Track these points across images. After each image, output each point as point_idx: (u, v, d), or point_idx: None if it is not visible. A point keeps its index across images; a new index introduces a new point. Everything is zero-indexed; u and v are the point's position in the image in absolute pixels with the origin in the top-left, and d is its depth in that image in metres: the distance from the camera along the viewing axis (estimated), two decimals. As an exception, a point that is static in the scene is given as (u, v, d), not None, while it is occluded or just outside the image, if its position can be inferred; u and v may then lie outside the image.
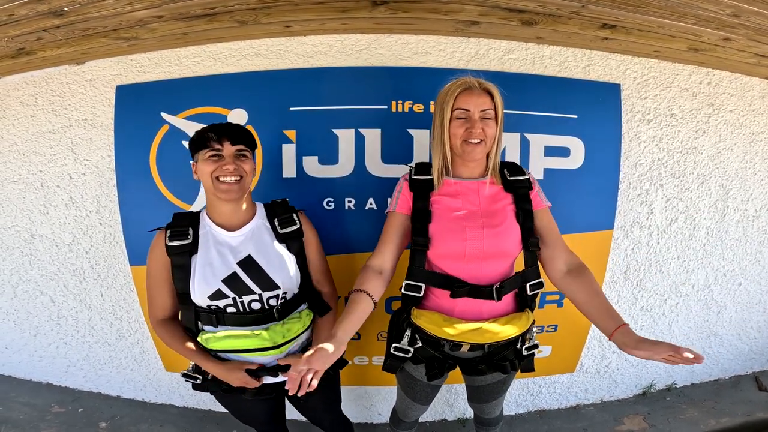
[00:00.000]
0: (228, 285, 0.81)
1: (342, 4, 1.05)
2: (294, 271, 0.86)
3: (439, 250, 0.82)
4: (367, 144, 1.22)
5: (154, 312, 0.86)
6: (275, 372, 0.85)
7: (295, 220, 0.88)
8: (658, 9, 1.01)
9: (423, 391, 0.97)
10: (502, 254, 0.82)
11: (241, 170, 0.80)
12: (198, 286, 0.80)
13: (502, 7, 1.05)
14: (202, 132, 0.81)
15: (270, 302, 0.84)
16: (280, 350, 0.83)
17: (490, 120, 0.79)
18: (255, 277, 0.82)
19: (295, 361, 0.71)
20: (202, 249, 0.82)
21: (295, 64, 1.23)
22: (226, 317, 0.82)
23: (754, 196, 1.50)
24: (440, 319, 0.82)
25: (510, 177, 0.86)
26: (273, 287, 0.83)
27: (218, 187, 0.79)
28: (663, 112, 1.35)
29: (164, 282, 0.83)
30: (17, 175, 1.43)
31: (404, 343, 0.86)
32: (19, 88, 1.38)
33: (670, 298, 1.53)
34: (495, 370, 0.89)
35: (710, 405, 1.56)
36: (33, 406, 1.57)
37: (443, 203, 0.84)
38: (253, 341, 0.80)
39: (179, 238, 0.81)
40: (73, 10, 0.99)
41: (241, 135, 0.82)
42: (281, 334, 0.82)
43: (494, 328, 0.81)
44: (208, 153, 0.79)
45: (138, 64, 1.28)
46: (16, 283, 1.55)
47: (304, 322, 0.87)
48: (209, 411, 1.59)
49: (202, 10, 1.04)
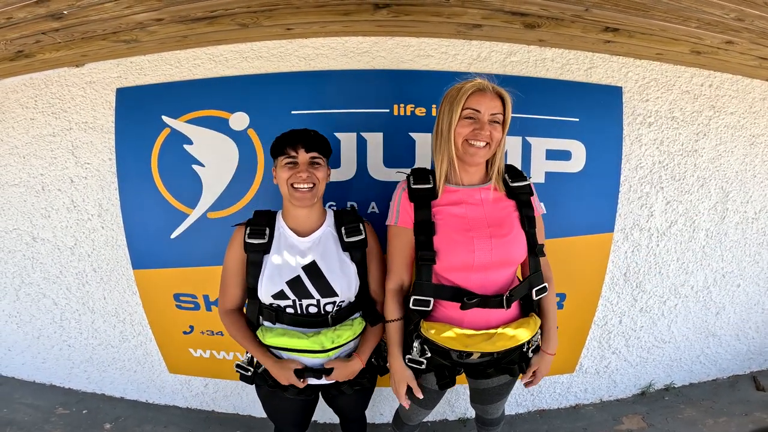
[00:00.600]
0: (291, 287, 0.85)
1: (344, 7, 1.04)
2: (354, 281, 0.88)
3: (446, 263, 0.80)
4: (369, 148, 1.22)
5: (224, 302, 0.92)
6: (319, 374, 0.89)
7: (361, 230, 0.90)
8: (662, 13, 1.01)
9: (430, 398, 0.97)
10: (510, 263, 0.82)
11: (314, 178, 0.84)
12: (265, 284, 0.85)
13: (505, 11, 1.05)
14: (280, 138, 0.86)
15: (326, 308, 0.88)
16: (327, 354, 0.86)
17: (498, 124, 0.79)
18: (316, 282, 0.86)
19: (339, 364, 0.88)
20: (274, 250, 0.87)
21: (297, 67, 1.23)
22: (284, 316, 0.87)
23: (754, 198, 1.51)
24: (451, 331, 0.81)
25: (512, 183, 0.85)
26: (331, 294, 0.87)
27: (293, 194, 0.84)
28: (664, 115, 1.35)
29: (238, 275, 0.89)
30: (18, 179, 1.43)
31: (415, 354, 0.86)
32: (18, 91, 1.37)
33: (669, 300, 1.54)
34: (503, 373, 0.89)
35: (708, 405, 1.58)
36: (37, 408, 1.58)
37: (447, 213, 0.82)
38: (304, 342, 0.84)
39: (257, 237, 0.86)
40: (72, 13, 0.98)
41: (315, 142, 0.86)
42: (331, 339, 0.85)
43: (506, 336, 0.81)
44: (284, 160, 0.84)
45: (138, 67, 1.28)
46: (19, 285, 1.56)
47: (356, 330, 0.89)
48: (212, 412, 1.61)
49: (203, 13, 1.04)
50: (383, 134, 1.21)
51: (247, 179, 1.26)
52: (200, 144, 1.25)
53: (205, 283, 1.32)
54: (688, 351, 1.65)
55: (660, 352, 1.62)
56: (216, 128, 1.24)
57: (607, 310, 1.50)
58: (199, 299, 1.36)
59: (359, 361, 0.90)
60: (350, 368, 0.89)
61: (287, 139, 0.85)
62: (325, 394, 1.01)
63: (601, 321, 1.51)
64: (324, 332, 0.85)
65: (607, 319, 1.51)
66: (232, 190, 1.26)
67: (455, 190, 0.84)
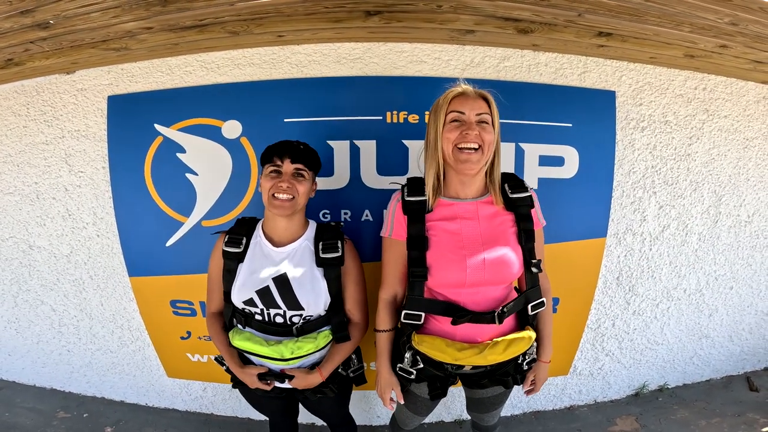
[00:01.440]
0: (259, 296, 0.88)
1: (334, 15, 1.04)
2: (323, 297, 0.89)
3: (438, 280, 0.80)
4: (362, 156, 1.22)
5: (209, 305, 0.98)
6: (282, 378, 0.91)
7: (339, 247, 0.90)
8: (656, 18, 1.00)
9: (424, 405, 0.98)
10: (503, 281, 0.81)
11: (295, 190, 0.85)
12: (237, 290, 0.89)
13: (498, 17, 1.04)
14: (269, 148, 0.88)
15: (293, 319, 0.89)
16: (287, 363, 0.88)
17: (487, 125, 0.75)
18: (284, 295, 0.87)
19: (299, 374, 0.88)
20: (248, 258, 0.90)
21: (289, 74, 1.22)
22: (253, 322, 0.90)
23: (747, 202, 1.51)
24: (443, 344, 0.81)
25: (512, 194, 0.82)
26: (298, 308, 0.88)
27: (272, 203, 0.85)
28: (657, 119, 1.35)
29: (219, 281, 0.92)
30: (12, 187, 1.43)
31: (406, 365, 0.86)
32: (10, 98, 1.36)
33: (662, 303, 1.55)
34: (497, 384, 0.89)
35: (701, 405, 1.59)
36: (39, 412, 1.60)
37: (440, 228, 0.80)
38: (264, 349, 0.87)
39: (233, 245, 0.90)
40: (59, 23, 0.98)
41: (302, 154, 0.87)
42: (291, 350, 0.87)
43: (497, 351, 0.80)
44: (269, 168, 0.86)
45: (129, 74, 1.27)
46: (17, 292, 1.57)
47: (318, 343, 0.89)
48: (211, 415, 1.63)
49: (192, 21, 1.03)
50: (376, 142, 1.21)
51: (241, 188, 1.26)
52: (193, 153, 1.25)
53: (202, 289, 1.30)
54: (681, 352, 1.66)
55: (653, 354, 1.63)
56: (208, 137, 1.24)
57: (600, 314, 1.51)
58: (195, 305, 1.37)
59: (318, 376, 0.91)
60: (308, 380, 0.90)
61: (275, 149, 0.87)
62: (303, 404, 1.04)
63: (594, 324, 1.52)
64: (285, 342, 0.87)
65: (600, 322, 1.53)
66: (226, 198, 1.26)
67: (450, 203, 0.81)
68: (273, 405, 1.05)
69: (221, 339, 0.95)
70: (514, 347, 0.81)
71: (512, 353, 0.82)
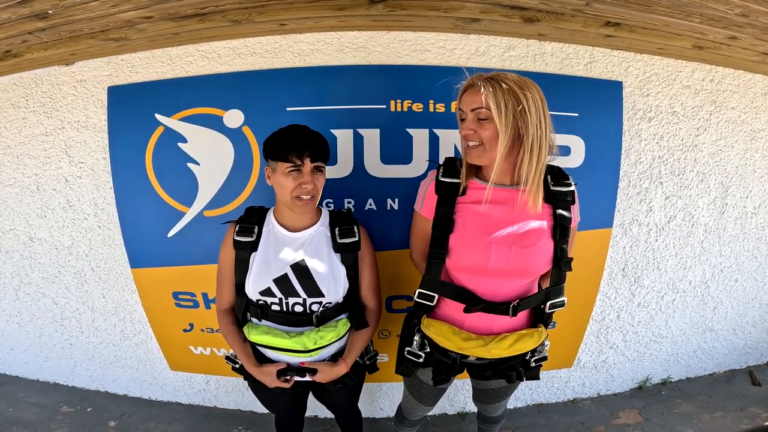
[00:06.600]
0: (278, 285, 0.85)
1: (337, 2, 1.02)
2: (342, 283, 0.87)
3: (457, 263, 0.78)
4: (366, 144, 1.20)
5: (220, 301, 0.93)
6: (302, 372, 0.89)
7: (355, 232, 0.89)
8: (665, 8, 0.99)
9: (429, 394, 0.97)
10: (527, 274, 0.78)
11: (316, 190, 0.83)
12: (252, 280, 0.85)
13: (504, 5, 1.02)
14: (281, 139, 0.80)
15: (312, 308, 0.87)
16: (310, 355, 0.86)
17: (483, 120, 0.71)
18: (303, 282, 0.85)
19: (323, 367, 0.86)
20: (262, 247, 0.86)
21: (291, 63, 1.21)
22: (270, 313, 0.87)
23: (753, 193, 1.50)
24: (449, 331, 0.80)
25: (553, 187, 0.77)
26: (318, 294, 0.86)
27: (295, 203, 0.82)
28: (665, 110, 1.34)
29: (231, 273, 0.88)
30: (12, 179, 1.41)
31: (415, 347, 0.86)
32: (9, 90, 1.35)
33: (667, 295, 1.55)
34: (500, 377, 0.88)
35: (704, 399, 1.59)
36: (42, 407, 1.59)
37: (469, 211, 0.77)
38: (286, 342, 0.84)
39: (245, 234, 0.86)
40: (57, 13, 0.96)
41: (321, 152, 0.82)
42: (313, 340, 0.85)
43: (503, 346, 0.78)
44: (287, 167, 0.79)
45: (129, 64, 1.25)
46: (18, 285, 1.56)
47: (339, 331, 0.88)
48: (214, 408, 1.63)
49: (193, 10, 1.01)
50: (380, 130, 1.20)
51: (243, 177, 1.24)
52: (194, 142, 1.24)
53: (204, 281, 1.32)
54: (685, 346, 1.66)
55: (657, 347, 1.63)
56: (210, 126, 1.22)
57: (605, 306, 1.51)
58: (198, 297, 1.37)
59: (344, 366, 0.90)
60: (334, 372, 0.89)
61: (290, 143, 0.78)
62: (311, 390, 1.02)
63: (599, 316, 1.51)
64: (307, 333, 0.85)
65: (605, 314, 1.52)
66: (228, 187, 1.25)
67: (483, 186, 0.77)
68: (286, 401, 1.02)
69: (235, 336, 0.90)
70: (521, 344, 0.80)
71: (518, 350, 0.80)
